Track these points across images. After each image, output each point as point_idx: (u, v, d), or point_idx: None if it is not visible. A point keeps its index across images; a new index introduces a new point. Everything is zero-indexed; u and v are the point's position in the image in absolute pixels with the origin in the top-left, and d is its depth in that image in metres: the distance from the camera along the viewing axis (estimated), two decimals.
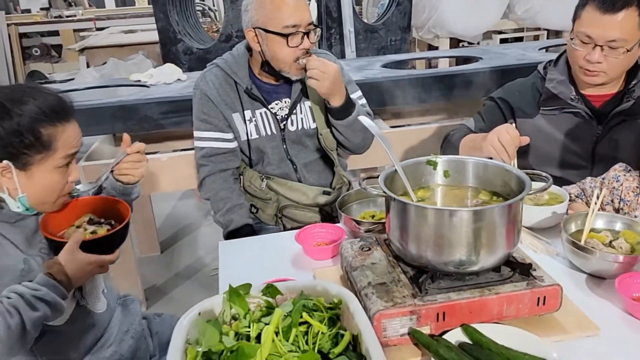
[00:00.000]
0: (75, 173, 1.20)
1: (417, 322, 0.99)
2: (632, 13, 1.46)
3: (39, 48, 8.14)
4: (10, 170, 1.10)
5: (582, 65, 1.55)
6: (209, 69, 1.81)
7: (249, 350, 0.76)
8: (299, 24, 1.61)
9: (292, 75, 1.71)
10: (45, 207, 1.20)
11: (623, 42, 1.48)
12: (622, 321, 1.07)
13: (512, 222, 1.02)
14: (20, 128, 1.08)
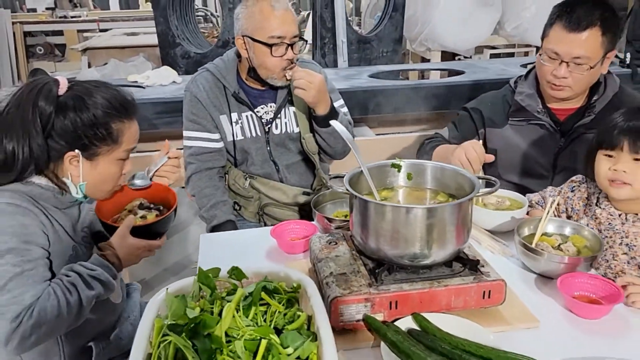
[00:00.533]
0: (129, 166, 1.29)
1: (372, 309, 1.09)
2: (595, 33, 1.58)
3: (42, 47, 8.25)
4: (78, 158, 1.18)
5: (549, 79, 1.66)
6: (199, 72, 1.92)
7: (210, 322, 0.85)
8: (284, 35, 1.71)
9: (276, 82, 1.81)
10: (99, 195, 1.29)
11: (587, 60, 1.59)
12: (562, 316, 1.16)
13: (461, 220, 1.12)
14: (96, 121, 1.16)
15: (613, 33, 1.61)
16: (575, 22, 1.58)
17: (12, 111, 1.15)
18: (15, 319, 1.06)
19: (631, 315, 1.16)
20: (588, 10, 1.58)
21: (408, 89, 2.61)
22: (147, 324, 0.89)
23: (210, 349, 0.83)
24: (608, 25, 1.58)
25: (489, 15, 4.21)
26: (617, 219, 1.33)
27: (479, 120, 1.84)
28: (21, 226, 1.12)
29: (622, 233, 1.32)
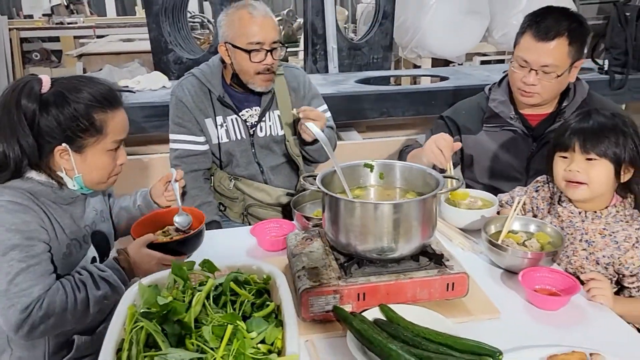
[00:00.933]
0: (122, 157, 1.33)
1: (340, 300, 1.14)
2: (563, 42, 1.65)
3: (39, 53, 8.32)
4: (68, 152, 1.23)
5: (519, 86, 1.72)
6: (185, 77, 1.98)
7: (180, 309, 0.90)
8: (263, 41, 1.78)
9: (256, 87, 1.87)
10: (98, 186, 1.34)
11: (555, 68, 1.66)
12: (522, 308, 1.22)
13: (426, 216, 1.17)
14: (77, 114, 1.20)
15: (580, 43, 1.68)
16: (543, 32, 1.64)
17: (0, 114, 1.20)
18: (24, 310, 1.14)
19: (587, 306, 1.22)
20: (556, 20, 1.65)
21: (392, 94, 2.68)
22: (121, 312, 0.94)
23: (179, 334, 0.89)
24: (575, 36, 1.65)
25: (478, 23, 4.28)
26: (577, 217, 1.39)
27: (454, 127, 1.91)
28: (23, 223, 1.18)
29: (582, 230, 1.38)
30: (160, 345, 0.85)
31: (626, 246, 1.32)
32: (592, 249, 1.36)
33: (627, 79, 2.84)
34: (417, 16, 4.26)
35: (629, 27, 2.80)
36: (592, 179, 1.32)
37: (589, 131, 1.32)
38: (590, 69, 3.11)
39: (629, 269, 1.31)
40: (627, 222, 1.35)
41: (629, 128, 1.33)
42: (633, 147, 1.32)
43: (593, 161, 1.32)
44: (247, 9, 1.79)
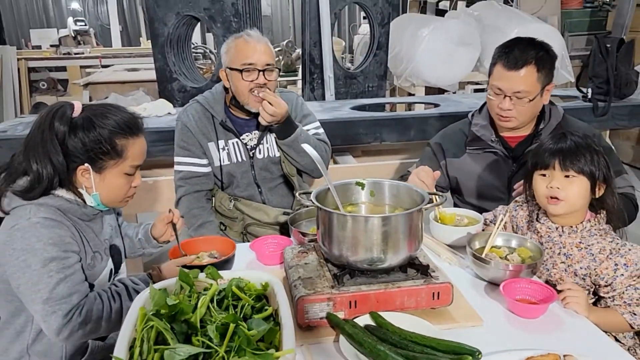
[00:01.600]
0: (137, 180, 1.44)
1: (334, 307, 1.23)
2: (531, 70, 1.79)
3: (46, 82, 8.53)
4: (89, 172, 1.35)
5: (497, 112, 1.86)
6: (190, 104, 2.11)
7: (187, 310, 1.00)
8: (255, 63, 1.92)
9: (250, 107, 1.99)
10: (114, 204, 1.46)
11: (526, 93, 1.79)
12: (504, 316, 1.31)
13: (413, 229, 1.27)
14: (101, 137, 1.32)
15: (548, 69, 1.81)
16: (512, 62, 1.78)
17: (34, 134, 1.32)
18: (66, 316, 1.26)
19: (564, 314, 1.31)
20: (523, 50, 1.79)
21: (385, 120, 2.81)
22: (133, 313, 1.03)
23: (186, 332, 0.98)
24: (542, 63, 1.79)
25: (469, 54, 4.46)
26: (555, 232, 1.49)
27: (439, 152, 2.05)
28: (59, 237, 1.29)
29: (560, 244, 1.47)
30: (170, 342, 0.94)
31: (601, 257, 1.41)
32: (570, 262, 1.45)
33: (610, 106, 2.98)
34: (410, 47, 4.44)
35: (609, 57, 2.95)
36: (570, 194, 1.42)
37: (567, 150, 1.43)
38: (575, 96, 3.25)
39: (604, 279, 1.40)
40: (601, 235, 1.44)
41: (600, 147, 1.45)
42: (605, 164, 1.43)
43: (572, 178, 1.42)
44: (243, 37, 1.97)
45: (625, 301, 1.36)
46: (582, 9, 5.28)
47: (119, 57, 8.13)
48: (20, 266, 1.25)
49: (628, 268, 1.36)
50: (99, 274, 1.42)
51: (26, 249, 1.25)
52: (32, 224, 1.27)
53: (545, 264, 1.49)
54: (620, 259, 1.38)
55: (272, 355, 0.91)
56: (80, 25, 8.93)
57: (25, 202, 1.31)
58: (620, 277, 1.37)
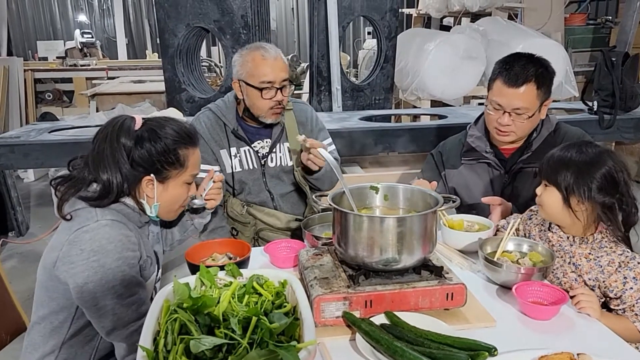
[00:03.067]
0: (193, 189, 1.52)
1: (350, 306, 1.25)
2: (531, 87, 1.80)
3: (51, 93, 8.61)
4: (153, 182, 1.40)
5: (495, 126, 1.88)
6: (202, 112, 2.15)
7: (210, 303, 1.02)
8: (274, 80, 1.95)
9: (267, 120, 2.04)
10: (168, 215, 1.51)
11: (526, 110, 1.81)
12: (516, 318, 1.33)
13: (427, 230, 1.30)
14: (166, 148, 1.38)
15: (547, 85, 1.83)
16: (513, 79, 1.79)
17: (101, 147, 1.37)
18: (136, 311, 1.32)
19: (575, 317, 1.33)
20: (523, 67, 1.79)
21: (394, 130, 2.85)
22: (156, 307, 1.06)
23: (209, 325, 1.00)
24: (542, 80, 1.80)
25: (474, 68, 4.52)
26: (566, 241, 1.51)
27: (439, 163, 2.10)
28: (127, 238, 1.35)
29: (570, 253, 1.49)
30: (194, 333, 0.96)
31: (609, 270, 1.42)
32: (579, 272, 1.46)
33: (615, 119, 3.01)
34: (416, 61, 4.50)
35: (615, 70, 3.00)
36: (544, 202, 1.48)
37: (550, 161, 1.48)
38: (581, 109, 3.29)
39: (613, 291, 1.40)
40: (611, 247, 1.45)
41: (598, 167, 1.40)
42: (592, 184, 1.39)
43: (547, 187, 1.48)
44: (259, 51, 1.97)
45: (636, 312, 1.37)
46: (585, 25, 5.36)
47: (125, 69, 8.21)
48: (92, 266, 1.28)
49: (638, 282, 1.37)
50: (148, 278, 1.46)
51: (98, 250, 1.29)
52: (102, 226, 1.32)
53: (555, 273, 1.51)
54: (630, 272, 1.39)
55: (295, 347, 0.93)
56: (87, 38, 9.03)
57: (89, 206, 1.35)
58: (629, 290, 1.38)
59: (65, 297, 1.37)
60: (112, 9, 10.11)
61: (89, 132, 3.03)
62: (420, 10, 6.41)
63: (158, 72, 6.12)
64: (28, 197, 5.16)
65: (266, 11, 3.75)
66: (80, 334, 1.42)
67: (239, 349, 0.94)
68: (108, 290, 1.30)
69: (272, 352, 0.91)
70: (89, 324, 1.40)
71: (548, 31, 5.01)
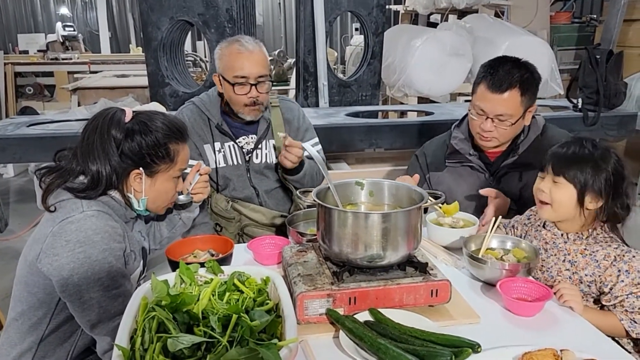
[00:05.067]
0: (181, 185, 1.51)
1: (333, 304, 1.23)
2: (515, 93, 1.75)
3: (32, 87, 8.46)
4: (141, 175, 1.38)
5: (478, 131, 1.85)
6: (186, 105, 2.10)
7: (189, 300, 0.99)
8: (248, 76, 1.90)
9: (244, 116, 2.00)
10: (157, 210, 1.49)
11: (509, 117, 1.78)
12: (500, 314, 1.32)
13: (412, 227, 1.28)
14: (157, 142, 1.37)
15: (532, 92, 1.79)
16: (497, 84, 1.75)
17: (91, 138, 1.35)
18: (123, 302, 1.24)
19: (559, 313, 1.32)
20: (508, 72, 1.75)
21: (381, 126, 2.84)
22: (134, 304, 1.03)
23: (188, 323, 0.98)
24: (526, 86, 1.76)
25: (461, 65, 4.51)
26: (560, 239, 1.49)
27: (424, 165, 2.06)
28: (113, 229, 1.33)
29: (565, 251, 1.48)
30: (172, 331, 0.94)
31: (605, 264, 1.41)
32: (575, 269, 1.45)
33: (599, 116, 3.03)
34: (404, 57, 4.48)
35: (599, 68, 3.02)
36: (554, 199, 1.43)
37: (563, 156, 1.44)
38: (566, 107, 3.31)
39: (608, 285, 1.40)
40: (607, 242, 1.44)
41: (607, 164, 1.40)
42: (606, 179, 1.39)
43: (559, 184, 1.43)
44: (236, 44, 1.92)
45: (626, 309, 1.37)
46: (571, 24, 5.39)
47: (108, 63, 8.09)
48: (78, 258, 1.26)
49: (629, 275, 1.36)
50: (132, 272, 1.43)
51: (84, 241, 1.27)
52: (88, 217, 1.30)
53: (550, 271, 1.50)
54: (623, 265, 1.38)
55: (276, 345, 0.90)
56: (69, 31, 8.89)
57: (75, 197, 1.33)
58: (620, 283, 1.37)
59: (46, 292, 1.34)
60: (94, 2, 9.97)
61: (69, 126, 2.97)
62: (408, 6, 6.40)
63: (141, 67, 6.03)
64: (7, 193, 5.06)
65: (252, 5, 3.70)
66: (59, 331, 1.39)
67: (218, 348, 0.92)
68: (94, 282, 1.27)
69: (253, 351, 0.88)
70: (68, 320, 1.37)
71: (534, 29, 5.02)
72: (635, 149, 4.49)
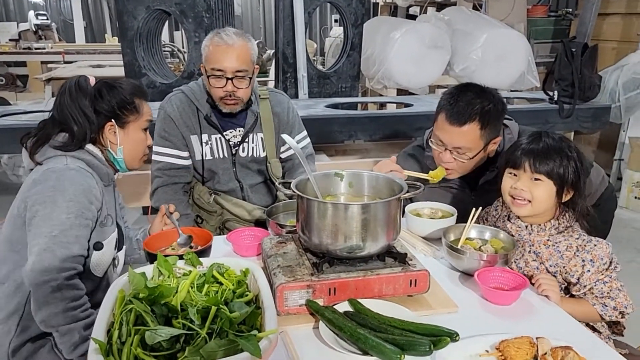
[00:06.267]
0: (150, 140, 1.64)
1: (313, 294, 1.24)
2: (474, 127, 1.66)
3: (4, 77, 8.24)
4: (115, 127, 1.53)
5: (439, 161, 1.77)
6: (174, 93, 2.05)
7: (167, 293, 0.98)
8: (224, 70, 1.87)
9: (223, 109, 1.97)
10: (134, 162, 1.61)
11: (467, 150, 1.70)
12: (478, 303, 1.34)
13: (391, 217, 1.29)
14: (124, 97, 1.53)
15: (493, 125, 1.70)
16: (455, 116, 1.66)
17: (64, 101, 1.48)
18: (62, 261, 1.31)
19: (536, 302, 1.35)
20: (468, 103, 1.65)
21: (361, 118, 2.84)
22: (111, 297, 1.02)
23: (166, 315, 0.96)
24: (487, 119, 1.66)
25: (440, 57, 4.54)
26: (525, 230, 1.51)
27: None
28: (89, 186, 1.41)
29: (529, 242, 1.50)
30: (150, 324, 0.92)
31: (568, 255, 1.44)
32: (540, 259, 1.48)
33: (574, 108, 3.09)
34: (383, 49, 4.49)
35: (574, 61, 3.07)
36: (536, 197, 1.44)
37: (538, 153, 1.44)
38: (542, 99, 3.36)
39: (574, 276, 1.43)
40: (568, 232, 1.47)
41: (573, 152, 1.44)
42: (574, 170, 1.43)
43: (538, 181, 1.44)
44: (217, 36, 1.88)
45: (595, 295, 1.40)
46: (547, 17, 5.46)
47: (83, 53, 7.90)
48: (45, 200, 1.34)
49: (594, 264, 1.40)
50: (108, 235, 1.50)
51: (57, 188, 1.36)
52: (69, 169, 1.41)
53: (517, 262, 1.52)
54: (587, 255, 1.41)
55: (256, 336, 0.90)
56: (42, 20, 8.67)
57: (61, 153, 1.45)
58: (587, 273, 1.40)
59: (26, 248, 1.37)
60: None
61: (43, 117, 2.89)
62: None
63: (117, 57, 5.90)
64: None
65: None
66: None
67: (197, 340, 0.91)
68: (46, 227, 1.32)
69: (232, 342, 0.88)
70: None
71: (511, 22, 5.08)
72: (608, 141, 4.59)
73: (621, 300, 1.38)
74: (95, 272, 1.48)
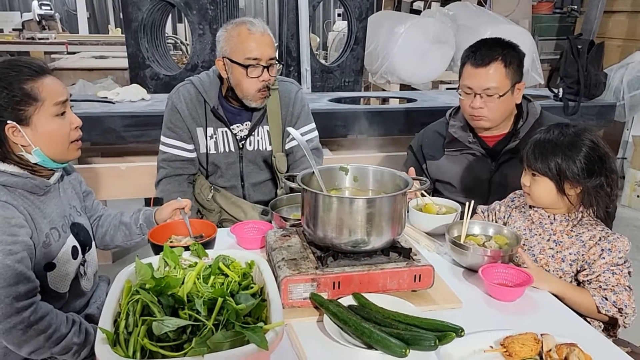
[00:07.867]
0: (75, 120, 1.36)
1: (317, 288, 1.24)
2: (498, 65, 1.81)
3: None
4: (17, 128, 1.26)
5: (469, 112, 1.87)
6: (183, 84, 2.02)
7: (174, 283, 0.99)
8: (260, 57, 1.83)
9: (250, 104, 1.92)
10: (62, 156, 1.36)
11: (496, 89, 1.81)
12: (482, 299, 1.34)
13: (396, 212, 1.29)
14: (7, 90, 1.25)
15: (516, 65, 1.83)
16: (480, 60, 1.81)
17: None
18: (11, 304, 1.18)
19: (539, 298, 1.35)
20: (490, 48, 1.82)
21: (364, 112, 2.83)
22: (117, 287, 1.02)
23: (173, 306, 0.97)
24: (509, 59, 1.81)
25: (444, 52, 4.52)
26: (547, 219, 1.52)
27: (419, 155, 2.06)
28: (4, 219, 1.21)
29: (551, 231, 1.50)
30: (156, 314, 0.93)
31: (590, 244, 1.44)
32: (560, 248, 1.48)
33: (579, 105, 3.08)
34: (387, 44, 4.47)
35: (580, 58, 3.05)
36: (533, 191, 1.49)
37: (537, 148, 1.46)
38: (547, 96, 3.35)
39: (588, 262, 1.43)
40: (592, 224, 1.48)
41: (584, 148, 1.41)
42: (582, 166, 1.40)
43: (536, 178, 1.47)
44: (246, 25, 1.84)
45: (600, 285, 1.40)
46: (552, 14, 5.44)
47: (86, 44, 7.87)
48: None
49: (611, 253, 1.40)
50: (56, 252, 1.36)
51: None
52: None
53: (532, 250, 1.52)
54: (607, 245, 1.41)
55: (262, 328, 0.90)
56: (46, 10, 8.62)
57: None
58: (601, 260, 1.40)
59: None
60: None
61: None
62: None
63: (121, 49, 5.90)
64: None
65: None
66: None
67: (204, 331, 0.91)
68: None
69: (239, 334, 0.88)
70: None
71: (516, 18, 5.06)
72: (611, 140, 4.58)
73: (623, 298, 1.37)
74: (59, 289, 1.38)
